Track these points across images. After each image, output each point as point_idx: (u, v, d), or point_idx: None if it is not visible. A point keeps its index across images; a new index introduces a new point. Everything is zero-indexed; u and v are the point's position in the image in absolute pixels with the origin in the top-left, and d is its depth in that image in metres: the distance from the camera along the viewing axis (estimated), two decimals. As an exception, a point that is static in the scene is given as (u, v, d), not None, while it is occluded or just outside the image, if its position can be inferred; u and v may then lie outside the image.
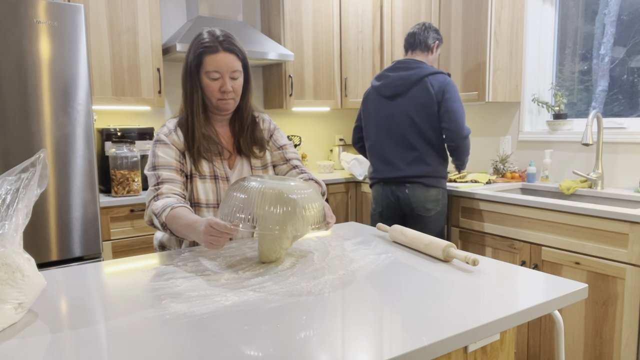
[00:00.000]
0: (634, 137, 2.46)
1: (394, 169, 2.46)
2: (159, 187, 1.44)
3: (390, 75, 2.50)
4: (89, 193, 2.31)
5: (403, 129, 2.44)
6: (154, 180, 1.47)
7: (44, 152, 0.98)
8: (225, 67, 1.47)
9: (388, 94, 2.50)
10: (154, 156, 1.50)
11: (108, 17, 2.69)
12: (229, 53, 1.48)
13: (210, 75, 1.47)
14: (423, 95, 2.40)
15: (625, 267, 1.95)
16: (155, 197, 1.43)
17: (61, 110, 2.21)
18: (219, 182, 1.54)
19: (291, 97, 3.40)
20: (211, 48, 1.46)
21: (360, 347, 0.80)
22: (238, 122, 1.60)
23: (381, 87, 2.52)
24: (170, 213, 1.36)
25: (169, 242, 1.59)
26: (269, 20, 3.49)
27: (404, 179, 2.44)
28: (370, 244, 1.47)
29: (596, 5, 2.72)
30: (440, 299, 1.00)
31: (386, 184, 2.50)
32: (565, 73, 2.91)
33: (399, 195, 2.46)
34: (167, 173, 1.47)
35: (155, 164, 1.49)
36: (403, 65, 2.49)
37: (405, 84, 2.44)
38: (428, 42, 2.52)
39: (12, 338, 0.85)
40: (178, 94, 3.28)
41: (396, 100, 2.47)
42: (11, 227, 0.89)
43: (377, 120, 2.53)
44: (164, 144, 1.50)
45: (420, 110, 2.41)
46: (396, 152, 2.46)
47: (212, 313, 0.94)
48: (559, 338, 1.16)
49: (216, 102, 1.51)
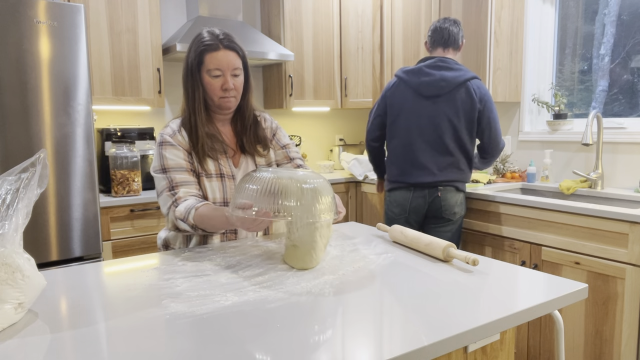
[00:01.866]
0: (634, 137, 2.46)
1: (429, 174, 2.32)
2: (176, 192, 1.44)
3: (433, 73, 2.32)
4: (89, 193, 2.31)
5: (442, 133, 2.30)
6: (166, 183, 1.46)
7: (44, 152, 0.98)
8: (227, 65, 1.47)
9: (429, 93, 2.31)
10: (162, 158, 1.48)
11: (108, 17, 2.69)
12: (229, 51, 1.48)
13: (212, 73, 1.47)
14: (466, 101, 2.29)
15: (625, 267, 1.95)
16: (175, 203, 1.43)
17: (61, 110, 2.21)
18: (225, 181, 1.54)
19: (291, 97, 3.40)
20: (212, 46, 1.46)
21: (360, 347, 0.80)
22: (240, 121, 1.61)
23: (421, 84, 2.32)
24: (196, 214, 1.37)
25: (174, 240, 1.58)
26: (269, 20, 3.49)
27: (438, 184, 2.32)
28: (370, 244, 1.47)
29: (596, 5, 2.72)
30: (441, 299, 1.00)
31: (417, 188, 2.34)
32: (565, 73, 2.91)
33: (429, 199, 2.33)
34: (179, 175, 1.46)
35: (164, 166, 1.47)
36: (444, 64, 2.32)
37: (449, 86, 2.29)
38: (459, 40, 2.40)
39: (12, 338, 0.85)
40: (178, 94, 3.28)
41: (437, 102, 2.30)
42: (11, 227, 0.89)
43: (409, 119, 2.34)
44: (171, 145, 1.49)
45: (461, 115, 2.30)
46: (431, 157, 2.32)
47: (212, 313, 0.94)
48: (559, 338, 1.16)
49: (218, 101, 1.51)
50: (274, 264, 1.26)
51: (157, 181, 1.49)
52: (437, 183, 2.32)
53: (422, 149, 2.32)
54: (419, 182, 2.32)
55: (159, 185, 1.48)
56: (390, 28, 3.44)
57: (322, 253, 1.24)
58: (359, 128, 4.20)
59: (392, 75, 3.47)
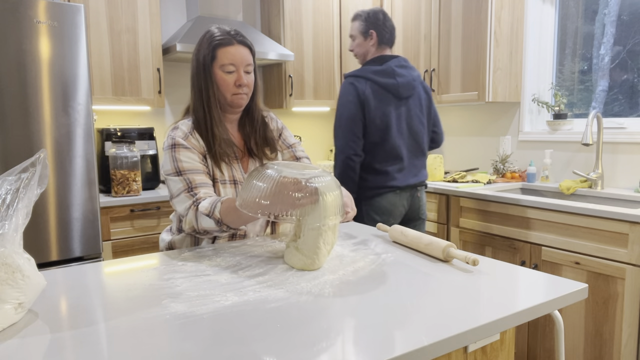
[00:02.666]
0: (634, 137, 2.46)
1: (412, 175, 2.29)
2: (196, 193, 1.37)
3: (404, 73, 2.26)
4: (89, 193, 2.31)
5: (419, 133, 2.30)
6: (184, 185, 1.38)
7: (44, 152, 0.98)
8: (240, 60, 1.44)
9: (406, 94, 2.26)
10: (176, 161, 1.40)
11: (108, 17, 2.69)
12: (243, 46, 1.45)
13: (226, 69, 1.43)
14: (426, 97, 2.34)
15: (625, 267, 1.95)
16: (196, 202, 1.36)
17: (61, 110, 2.21)
18: (238, 187, 1.48)
19: (291, 97, 3.40)
20: (225, 41, 1.43)
21: (360, 347, 0.80)
22: (249, 124, 1.56)
23: (399, 86, 2.22)
24: (222, 207, 1.30)
25: (180, 243, 1.53)
26: (269, 20, 3.49)
27: (418, 184, 2.32)
28: (370, 244, 1.47)
29: (596, 5, 2.72)
30: (441, 299, 1.00)
31: (403, 191, 2.28)
32: (565, 73, 2.91)
33: (411, 201, 2.32)
34: (198, 177, 1.40)
35: (180, 169, 1.40)
36: (406, 63, 2.30)
37: (417, 85, 2.29)
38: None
39: (12, 338, 0.85)
40: (178, 94, 3.28)
41: (409, 102, 2.28)
42: (11, 227, 0.89)
43: (390, 122, 2.22)
44: (185, 148, 1.42)
45: (425, 112, 2.34)
46: (412, 157, 2.30)
47: (212, 313, 0.94)
48: (559, 338, 1.16)
49: (230, 98, 1.46)
50: (274, 264, 1.26)
51: (171, 184, 1.41)
52: (418, 184, 2.33)
53: (404, 151, 2.27)
54: (405, 185, 2.26)
55: (174, 188, 1.40)
56: (390, 28, 3.44)
57: (325, 259, 1.24)
58: (359, 128, 4.19)
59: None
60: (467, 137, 3.36)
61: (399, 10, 3.36)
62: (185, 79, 3.31)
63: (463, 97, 2.93)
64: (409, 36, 3.30)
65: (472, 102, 2.90)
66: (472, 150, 3.33)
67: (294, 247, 1.24)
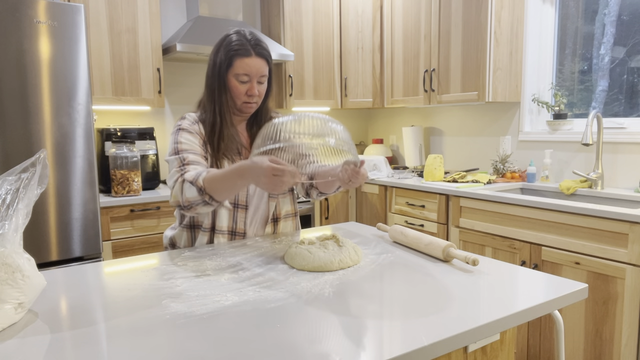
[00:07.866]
0: (634, 137, 2.46)
1: None
2: (185, 167, 1.39)
3: None
4: (89, 193, 2.31)
5: None
6: (178, 163, 1.41)
7: (44, 152, 0.98)
8: (255, 72, 1.47)
9: None
10: (177, 142, 1.45)
11: (108, 17, 2.69)
12: (260, 58, 1.47)
13: (239, 78, 1.47)
14: None
15: (625, 267, 1.95)
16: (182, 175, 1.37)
17: (61, 110, 2.21)
18: None
19: (291, 97, 3.40)
20: (243, 51, 1.45)
21: (360, 347, 0.80)
22: (256, 125, 1.60)
23: None
24: (207, 176, 1.32)
25: (179, 238, 1.57)
26: (269, 20, 3.49)
27: None
28: (370, 244, 1.47)
29: (596, 5, 2.72)
30: (440, 298, 1.00)
31: None
32: (565, 73, 2.91)
33: None
34: (192, 156, 1.43)
35: (178, 149, 1.43)
36: None
37: None
38: None
39: (12, 338, 0.85)
40: (178, 94, 3.28)
41: None
42: (11, 227, 0.89)
43: None
44: (188, 132, 1.47)
45: None
46: None
47: (212, 313, 0.94)
48: (559, 338, 1.16)
49: (240, 105, 1.51)
50: (274, 264, 1.27)
51: (170, 165, 1.44)
52: None
53: None
54: None
55: (170, 166, 1.43)
56: (390, 28, 3.44)
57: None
58: (359, 128, 4.20)
59: (392, 75, 3.47)
60: (467, 137, 3.36)
61: (399, 10, 3.36)
62: (185, 78, 3.31)
63: (463, 97, 2.93)
64: (409, 36, 3.30)
65: (472, 102, 2.90)
66: (472, 150, 3.33)
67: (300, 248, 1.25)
